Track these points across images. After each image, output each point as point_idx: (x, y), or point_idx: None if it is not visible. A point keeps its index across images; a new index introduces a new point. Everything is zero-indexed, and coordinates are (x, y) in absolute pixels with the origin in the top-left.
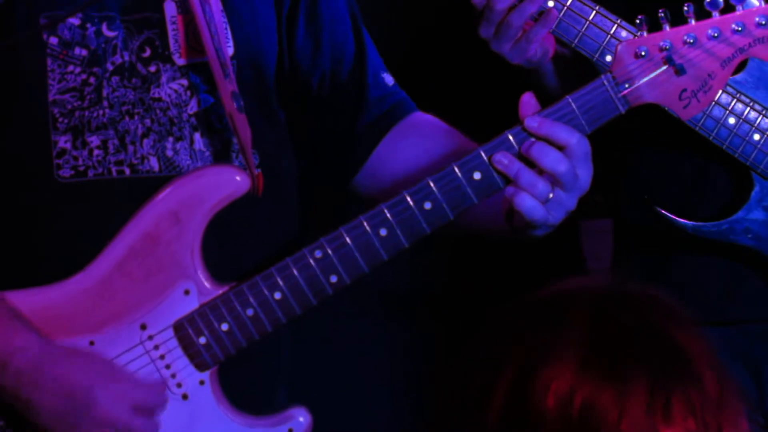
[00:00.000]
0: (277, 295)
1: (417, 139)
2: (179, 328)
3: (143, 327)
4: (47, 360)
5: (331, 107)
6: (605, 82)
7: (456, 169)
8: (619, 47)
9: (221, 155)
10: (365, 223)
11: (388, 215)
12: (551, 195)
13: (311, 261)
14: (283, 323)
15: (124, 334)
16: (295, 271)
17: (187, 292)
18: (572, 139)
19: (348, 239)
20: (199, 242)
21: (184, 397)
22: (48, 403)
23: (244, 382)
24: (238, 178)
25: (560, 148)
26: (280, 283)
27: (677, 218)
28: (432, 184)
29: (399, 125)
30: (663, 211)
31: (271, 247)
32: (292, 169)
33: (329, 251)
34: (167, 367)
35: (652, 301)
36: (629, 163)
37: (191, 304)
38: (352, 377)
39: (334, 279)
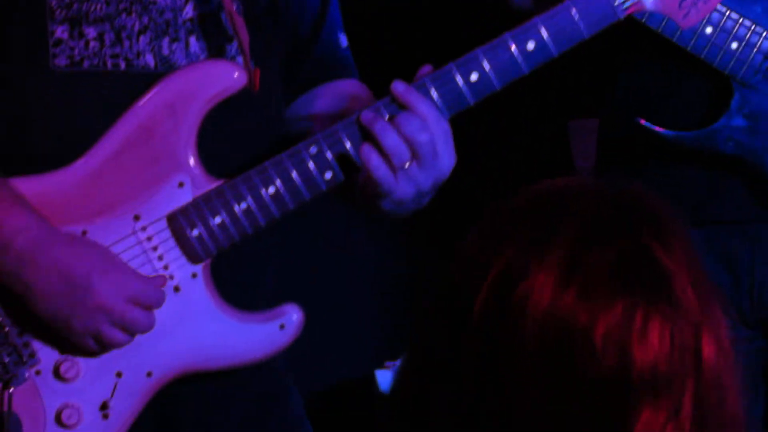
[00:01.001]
0: (271, 190)
1: (325, 101)
2: (172, 219)
3: (136, 218)
4: (48, 241)
5: (288, 44)
6: None
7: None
8: None
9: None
10: (358, 118)
11: (385, 112)
12: (407, 164)
13: (306, 156)
14: (276, 218)
15: (117, 224)
16: (290, 166)
17: (181, 185)
18: (431, 113)
19: (342, 135)
20: (195, 135)
21: (176, 289)
22: (46, 285)
23: (235, 278)
24: (235, 72)
25: (421, 118)
26: (275, 177)
27: (658, 128)
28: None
29: (325, 85)
30: (644, 122)
31: (267, 144)
32: (277, 68)
33: (324, 146)
34: (160, 258)
35: (641, 211)
36: (611, 76)
37: (185, 197)
38: (340, 275)
39: (328, 175)
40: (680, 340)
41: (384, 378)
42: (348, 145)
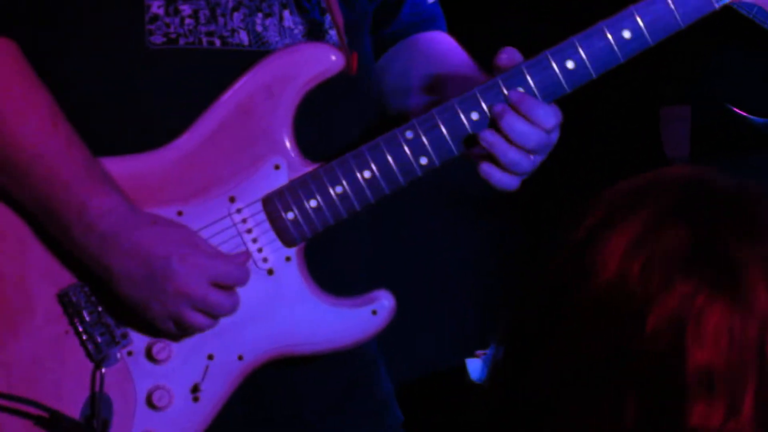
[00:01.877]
0: (367, 174)
1: (412, 52)
2: (268, 202)
3: (232, 200)
4: (130, 225)
5: (376, 12)
6: None
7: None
8: None
9: (310, 34)
10: (457, 106)
11: (481, 100)
12: (521, 167)
13: (402, 141)
14: (371, 203)
15: (213, 205)
16: (386, 151)
17: (277, 167)
18: (549, 121)
19: (439, 121)
20: (291, 118)
21: (270, 272)
22: (126, 269)
23: (329, 263)
24: (333, 56)
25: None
26: (370, 161)
27: (750, 116)
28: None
29: (412, 37)
30: (736, 109)
31: (363, 128)
32: (370, 54)
33: (420, 132)
34: (254, 240)
35: (735, 205)
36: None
37: (281, 179)
38: (432, 263)
39: (424, 161)
40: (742, 336)
41: (474, 367)
42: (444, 131)
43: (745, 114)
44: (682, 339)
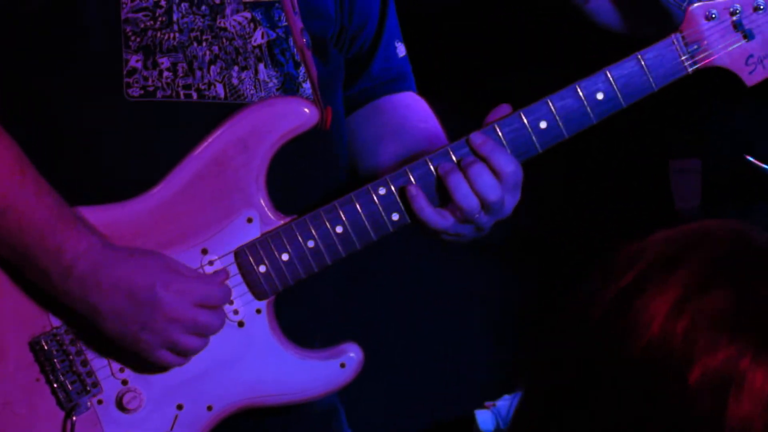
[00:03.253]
0: (339, 229)
1: (383, 120)
2: (240, 254)
3: (204, 252)
4: (108, 261)
5: (347, 63)
6: (675, 42)
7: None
8: (690, 8)
9: (285, 87)
10: (429, 162)
11: (452, 154)
12: (475, 216)
13: (374, 197)
14: (341, 257)
15: (185, 257)
16: (358, 207)
17: (249, 220)
18: (508, 167)
19: (411, 177)
20: (265, 171)
21: (240, 324)
22: (112, 305)
23: (298, 315)
24: (307, 110)
25: (495, 172)
26: (342, 217)
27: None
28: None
29: (383, 99)
30: (751, 159)
31: (334, 181)
32: (342, 110)
33: (392, 189)
34: None
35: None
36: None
37: (253, 233)
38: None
39: (395, 217)
40: None
41: (484, 418)
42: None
43: (759, 163)
44: (724, 399)
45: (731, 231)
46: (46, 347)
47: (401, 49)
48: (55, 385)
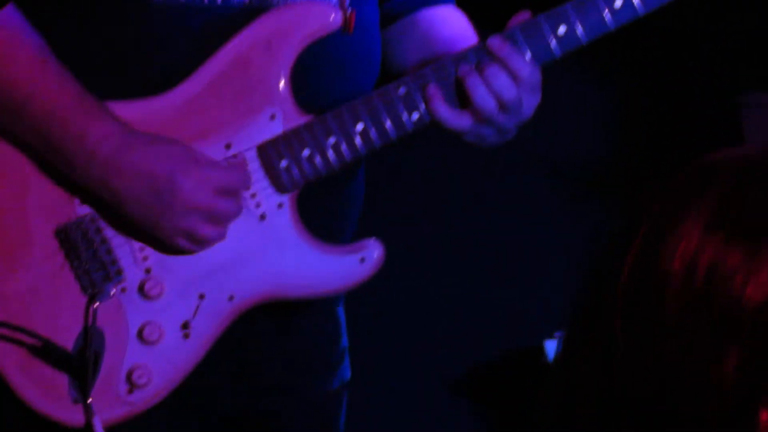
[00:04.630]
0: (359, 127)
1: (420, 36)
2: (262, 149)
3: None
4: (130, 146)
5: None
6: None
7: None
8: None
9: None
10: (449, 63)
11: (472, 56)
12: (493, 117)
13: (395, 97)
14: (361, 154)
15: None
16: (378, 105)
17: (272, 117)
18: (524, 69)
19: (432, 78)
20: (289, 70)
21: (262, 217)
22: (132, 190)
23: (322, 213)
24: (331, 14)
25: (512, 74)
26: (363, 115)
27: None
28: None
29: (422, 11)
30: None
31: (355, 81)
32: (375, 18)
33: (413, 88)
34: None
35: None
36: None
37: (276, 129)
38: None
39: (415, 116)
40: None
41: (553, 348)
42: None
43: None
44: None
45: (735, 162)
46: (71, 235)
47: None
48: (79, 272)
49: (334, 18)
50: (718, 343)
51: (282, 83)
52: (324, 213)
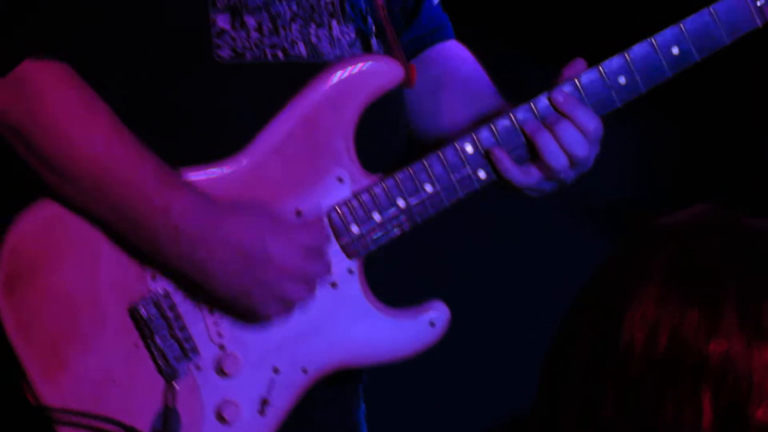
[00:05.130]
0: (428, 187)
1: (438, 70)
2: (332, 215)
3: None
4: (215, 218)
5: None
6: None
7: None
8: None
9: (357, 43)
10: (513, 118)
11: (534, 108)
12: (562, 174)
13: (461, 155)
14: (431, 215)
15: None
16: (446, 164)
17: (340, 180)
18: (591, 123)
19: (496, 133)
20: (353, 130)
21: (333, 285)
22: (221, 262)
23: (385, 275)
24: (394, 68)
25: (580, 128)
26: (431, 175)
27: None
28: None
29: (432, 48)
30: None
31: (402, 138)
32: None
33: (479, 146)
34: None
35: (753, 228)
36: None
37: (344, 192)
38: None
39: (482, 175)
40: None
41: None
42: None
43: None
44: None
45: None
46: (145, 313)
47: None
48: (154, 352)
49: (398, 73)
50: (689, 399)
51: (348, 144)
52: (391, 269)
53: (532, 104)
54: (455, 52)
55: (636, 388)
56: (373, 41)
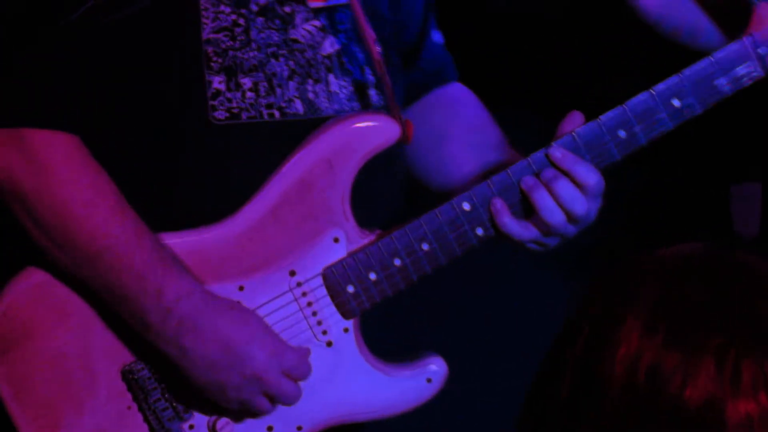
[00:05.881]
0: (425, 246)
1: (442, 117)
2: (328, 275)
3: (292, 273)
4: (210, 309)
5: (392, 59)
6: (747, 44)
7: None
8: (759, 8)
9: (355, 97)
10: (510, 175)
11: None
12: (561, 230)
13: (458, 213)
14: (428, 273)
15: (274, 280)
16: (443, 223)
17: (336, 240)
18: (591, 179)
19: (494, 191)
20: (349, 190)
21: (329, 344)
22: (205, 352)
23: (382, 330)
24: (390, 126)
25: (579, 185)
26: (428, 234)
27: None
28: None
29: (434, 93)
30: None
31: (401, 192)
32: None
33: (476, 203)
34: (314, 314)
35: (742, 268)
36: None
37: (340, 252)
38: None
39: (480, 231)
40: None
41: None
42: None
43: None
44: (719, 404)
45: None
46: (138, 375)
47: (439, 36)
48: (147, 413)
49: (394, 130)
50: None
51: (344, 205)
52: (386, 327)
53: (529, 160)
54: (458, 97)
55: (615, 421)
56: (372, 93)
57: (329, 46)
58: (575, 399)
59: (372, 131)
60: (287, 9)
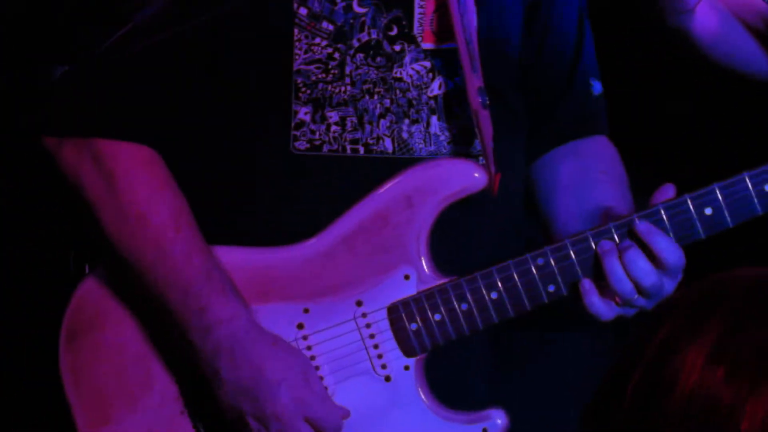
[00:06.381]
0: (494, 295)
1: (576, 172)
2: (393, 310)
3: (359, 303)
4: (250, 337)
5: (531, 104)
6: None
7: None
8: None
9: (457, 141)
10: (590, 238)
11: (614, 233)
12: (632, 301)
13: (532, 267)
14: (494, 323)
15: (340, 307)
16: (515, 275)
17: (407, 277)
18: (671, 256)
19: (572, 252)
20: (428, 230)
21: (387, 378)
22: (235, 378)
23: (447, 374)
24: (476, 174)
25: (654, 259)
26: (499, 283)
27: None
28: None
29: (574, 144)
30: None
31: (494, 246)
32: (522, 168)
33: (551, 261)
34: (375, 346)
35: None
36: None
37: (409, 290)
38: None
39: (551, 288)
40: None
41: None
42: (575, 261)
43: None
44: None
45: (757, 276)
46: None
47: (597, 87)
48: (196, 420)
49: (479, 178)
50: None
51: (420, 243)
52: (452, 371)
53: (611, 226)
54: (594, 151)
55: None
56: (477, 142)
57: (437, 87)
58: (644, 405)
59: (455, 175)
60: (397, 47)
